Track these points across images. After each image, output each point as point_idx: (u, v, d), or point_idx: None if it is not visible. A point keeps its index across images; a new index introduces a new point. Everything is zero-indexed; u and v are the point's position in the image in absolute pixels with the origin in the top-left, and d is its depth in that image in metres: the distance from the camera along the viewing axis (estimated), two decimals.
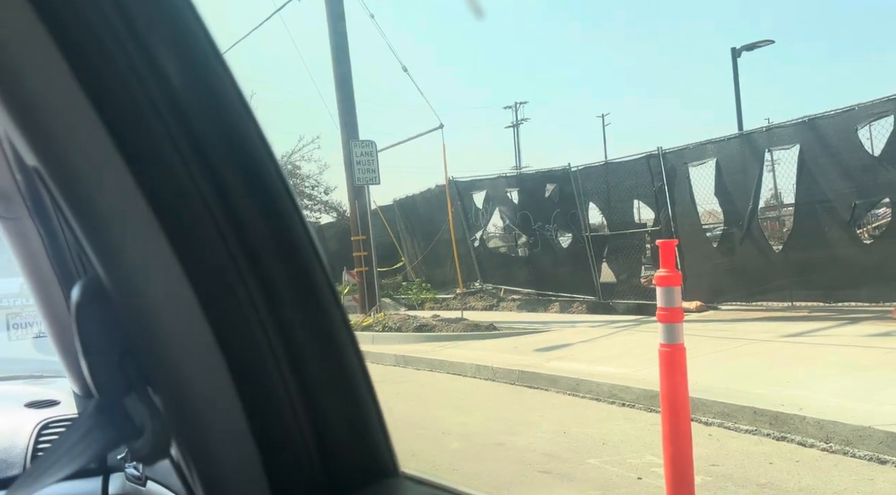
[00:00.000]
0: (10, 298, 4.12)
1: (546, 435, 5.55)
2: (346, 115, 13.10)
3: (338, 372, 0.64)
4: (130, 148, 0.55)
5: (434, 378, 8.56)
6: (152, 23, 0.55)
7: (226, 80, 0.59)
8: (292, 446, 0.62)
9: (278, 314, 0.60)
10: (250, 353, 0.59)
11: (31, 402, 1.54)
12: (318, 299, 0.63)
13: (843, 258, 9.24)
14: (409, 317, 12.14)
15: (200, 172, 0.56)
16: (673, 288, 3.57)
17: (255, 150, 0.60)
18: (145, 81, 0.54)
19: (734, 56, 18.96)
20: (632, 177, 11.82)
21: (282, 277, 0.60)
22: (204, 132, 0.57)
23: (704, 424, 5.43)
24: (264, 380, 0.61)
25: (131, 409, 0.60)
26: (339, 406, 0.64)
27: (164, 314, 0.57)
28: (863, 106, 8.78)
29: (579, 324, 11.00)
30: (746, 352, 7.55)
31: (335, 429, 0.64)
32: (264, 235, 0.60)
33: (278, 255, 0.60)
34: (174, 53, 0.57)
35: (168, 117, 0.56)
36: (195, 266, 0.57)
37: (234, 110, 0.59)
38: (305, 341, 0.62)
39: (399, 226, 18.54)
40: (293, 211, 0.61)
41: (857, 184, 9.01)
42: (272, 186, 0.60)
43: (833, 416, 4.87)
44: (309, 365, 0.62)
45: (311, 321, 0.63)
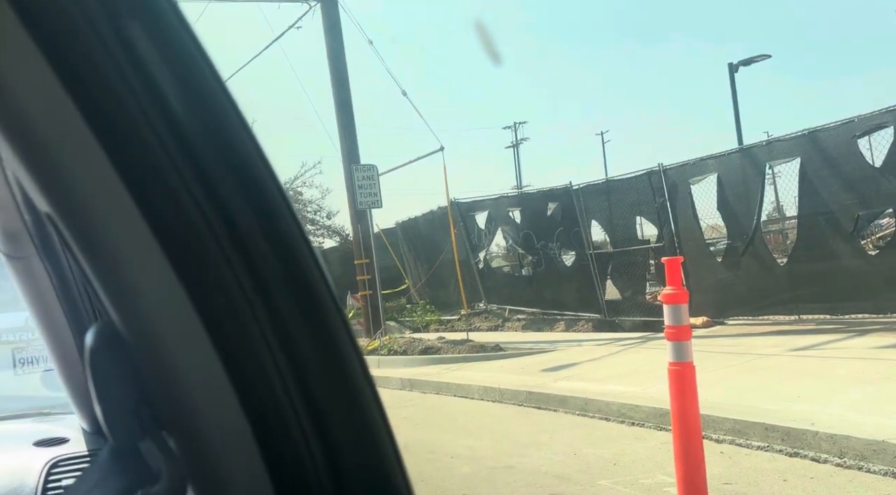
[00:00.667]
0: (16, 332, 4.12)
1: (556, 457, 5.50)
2: (347, 140, 13.18)
3: (352, 407, 0.63)
4: (142, 191, 0.55)
5: (441, 401, 8.51)
6: (160, 61, 0.56)
7: (233, 115, 0.59)
8: (308, 486, 0.62)
9: (290, 350, 0.60)
10: (265, 392, 0.59)
11: (40, 440, 1.53)
12: (330, 331, 0.62)
13: (848, 270, 9.21)
14: (414, 339, 12.10)
15: (213, 212, 0.56)
16: (680, 305, 3.56)
17: (265, 187, 0.59)
18: (154, 121, 0.55)
19: (731, 71, 19.09)
20: (633, 194, 11.85)
21: (293, 314, 0.60)
22: (214, 171, 0.57)
23: (716, 441, 5.37)
24: (280, 418, 0.60)
25: (147, 454, 0.60)
26: (354, 442, 0.63)
27: (179, 357, 0.57)
28: (862, 117, 8.81)
29: (585, 343, 10.95)
30: (755, 367, 7.50)
31: (350, 465, 0.64)
32: (277, 273, 0.59)
33: (290, 292, 0.60)
34: (183, 91, 0.57)
35: (178, 157, 0.56)
36: (208, 306, 0.57)
37: (244, 148, 0.59)
38: (318, 376, 0.61)
39: (402, 248, 18.56)
40: (305, 247, 0.61)
41: (860, 196, 9.01)
42: (284, 224, 0.60)
43: (846, 431, 4.82)
44: (323, 400, 0.61)
45: (324, 355, 0.62)
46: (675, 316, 3.58)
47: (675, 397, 3.59)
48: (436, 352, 11.02)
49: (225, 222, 0.57)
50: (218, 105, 0.57)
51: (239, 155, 0.59)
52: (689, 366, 3.56)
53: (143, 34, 0.54)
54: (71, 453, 1.47)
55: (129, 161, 0.55)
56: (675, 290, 3.58)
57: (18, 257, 1.15)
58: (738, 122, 19.06)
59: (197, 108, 0.59)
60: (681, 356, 3.56)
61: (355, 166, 12.82)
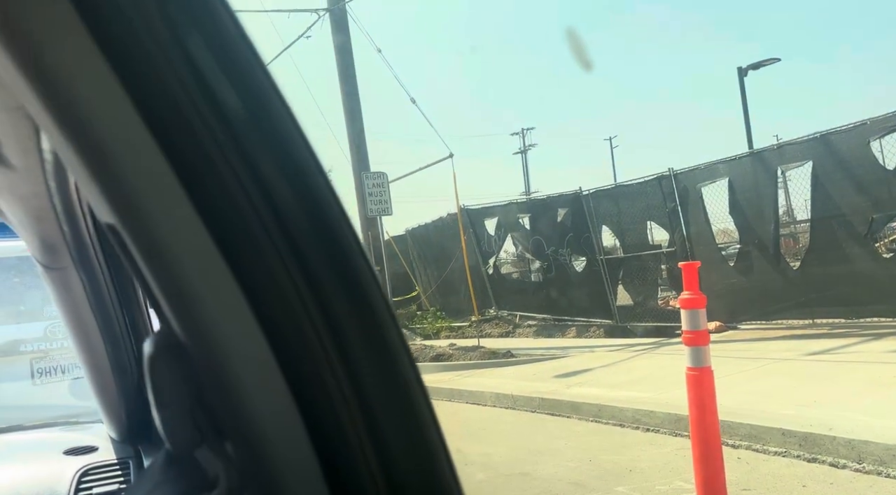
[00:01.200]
0: (35, 343, 4.14)
1: (571, 464, 5.47)
2: (356, 148, 13.23)
3: (407, 416, 0.64)
4: (203, 198, 0.56)
5: (453, 408, 8.49)
6: (220, 73, 0.56)
7: (291, 126, 0.60)
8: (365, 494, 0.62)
9: (347, 357, 0.60)
10: (323, 400, 0.59)
11: (70, 449, 1.54)
12: (385, 341, 0.63)
13: (862, 273, 9.15)
14: (425, 346, 12.09)
15: (271, 222, 0.57)
16: (698, 310, 3.54)
17: (322, 196, 0.60)
18: (215, 131, 0.55)
19: (741, 75, 19.03)
20: (644, 199, 11.82)
21: (351, 321, 0.60)
22: (273, 181, 0.58)
23: (732, 447, 5.34)
24: (337, 427, 0.60)
25: (203, 461, 0.60)
26: (409, 451, 0.63)
27: (239, 364, 0.57)
28: (875, 120, 8.77)
29: (598, 349, 10.90)
30: (770, 371, 7.45)
31: (405, 474, 0.64)
32: (333, 279, 0.60)
33: (347, 299, 0.60)
34: (244, 103, 0.58)
35: (238, 166, 0.56)
36: (268, 314, 0.57)
37: (301, 157, 0.60)
38: (374, 384, 0.62)
39: (412, 255, 18.57)
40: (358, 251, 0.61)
41: (873, 198, 8.95)
42: (340, 230, 0.60)
43: (864, 436, 4.78)
44: (378, 409, 0.62)
45: (380, 364, 0.63)
46: (692, 320, 3.56)
47: (693, 402, 3.57)
48: (447, 359, 11.00)
49: (284, 232, 0.58)
50: (277, 115, 0.58)
51: (295, 164, 0.60)
52: (707, 371, 3.54)
53: (203, 44, 0.55)
54: (101, 461, 1.48)
55: (191, 171, 0.55)
56: (692, 295, 3.57)
57: (56, 268, 1.16)
58: (747, 126, 18.99)
59: (256, 118, 0.59)
60: (699, 361, 3.54)
61: (365, 174, 12.85)
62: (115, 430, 1.60)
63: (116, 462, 1.47)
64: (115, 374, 1.42)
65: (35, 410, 3.47)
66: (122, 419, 1.52)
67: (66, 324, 1.32)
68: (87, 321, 1.27)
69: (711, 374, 3.57)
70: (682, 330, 3.63)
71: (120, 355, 1.33)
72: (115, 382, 1.44)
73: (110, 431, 1.64)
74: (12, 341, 4.21)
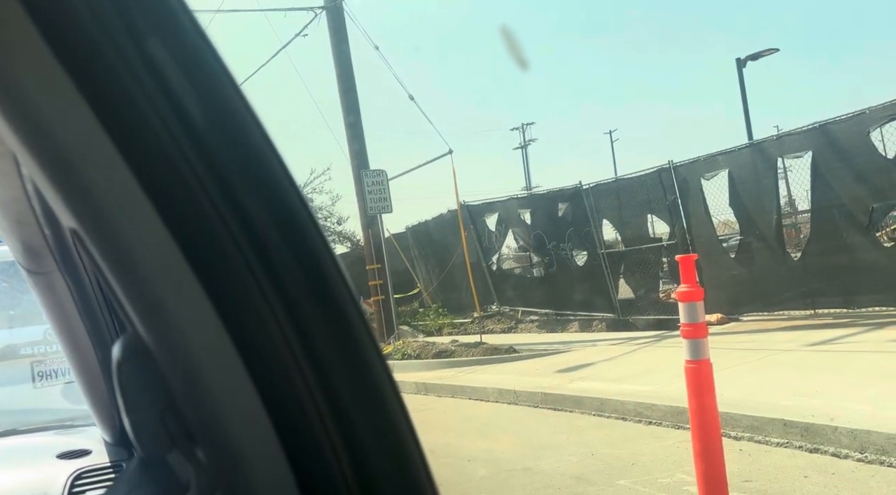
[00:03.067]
0: (35, 346, 4.15)
1: (573, 458, 5.48)
2: (355, 146, 13.22)
3: (378, 415, 0.64)
4: (166, 203, 0.55)
5: (456, 404, 8.50)
6: (181, 76, 0.56)
7: (254, 127, 0.60)
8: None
9: (316, 358, 0.60)
10: (292, 402, 0.59)
11: (63, 453, 1.54)
12: (355, 340, 0.63)
13: (863, 262, 9.13)
14: (427, 343, 12.10)
15: (237, 225, 0.56)
16: (695, 303, 3.54)
17: (286, 195, 0.60)
18: (176, 135, 0.55)
19: (739, 66, 18.99)
20: (644, 192, 11.80)
21: (318, 323, 0.60)
22: (237, 184, 0.58)
23: (734, 439, 5.34)
24: (306, 428, 0.60)
25: (175, 465, 0.60)
26: (381, 451, 0.63)
27: (206, 368, 0.57)
28: (874, 109, 8.74)
29: (600, 343, 10.91)
30: (772, 362, 7.44)
31: (378, 474, 0.64)
32: (299, 280, 0.60)
33: (315, 302, 0.60)
34: (205, 105, 0.57)
35: (201, 171, 0.56)
36: (234, 317, 0.57)
37: (267, 161, 0.60)
38: (345, 385, 0.62)
39: (413, 252, 18.58)
40: (325, 252, 0.61)
41: (873, 188, 8.93)
42: (306, 230, 0.60)
43: (866, 425, 4.77)
44: (350, 409, 0.62)
45: (350, 364, 0.62)
46: (690, 313, 3.56)
47: (692, 395, 3.57)
48: (449, 356, 11.01)
49: (249, 234, 0.57)
50: (239, 118, 0.58)
51: (262, 167, 0.59)
52: (705, 364, 3.54)
53: (161, 46, 0.55)
54: (94, 465, 1.48)
55: (153, 174, 0.55)
56: (689, 288, 3.57)
57: (40, 272, 1.16)
58: (747, 117, 18.96)
59: (219, 122, 0.59)
60: (697, 354, 3.54)
61: (364, 171, 12.84)
62: (108, 433, 1.60)
63: (110, 465, 1.47)
64: (105, 377, 1.42)
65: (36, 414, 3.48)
66: (114, 422, 1.52)
67: (54, 328, 1.32)
68: (75, 324, 1.27)
69: (710, 366, 3.57)
70: (681, 322, 3.63)
71: (109, 357, 1.33)
72: (106, 385, 1.44)
73: (104, 434, 1.64)
74: (12, 345, 4.22)
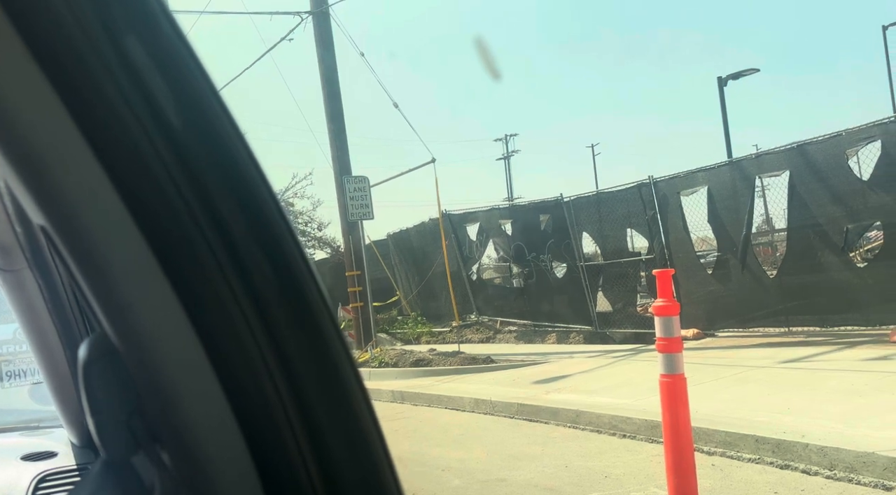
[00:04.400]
0: (4, 345, 4.08)
1: (547, 470, 5.48)
2: (338, 151, 13.19)
3: (348, 421, 0.63)
4: (138, 203, 0.55)
5: (432, 413, 8.47)
6: (156, 73, 0.56)
7: (229, 127, 0.60)
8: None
9: (287, 364, 0.60)
10: (261, 406, 0.59)
11: (28, 455, 1.51)
12: (326, 346, 0.62)
13: (837, 282, 9.28)
14: (405, 351, 12.06)
15: (208, 224, 0.56)
16: (671, 317, 3.57)
17: (261, 198, 0.60)
18: (150, 133, 0.55)
19: (720, 85, 19.25)
20: (624, 206, 11.90)
21: (290, 328, 0.60)
22: (211, 184, 0.57)
23: (707, 454, 5.37)
24: (275, 433, 0.60)
25: (139, 468, 0.59)
26: (350, 457, 0.63)
27: (174, 371, 0.57)
28: (850, 131, 8.90)
29: (577, 355, 10.94)
30: (746, 379, 7.51)
31: (346, 480, 0.63)
32: (272, 285, 0.59)
33: (287, 307, 0.60)
34: (180, 103, 0.57)
35: (175, 171, 0.56)
36: (204, 321, 0.57)
37: (241, 161, 0.59)
38: (315, 391, 0.61)
39: (393, 260, 18.54)
40: (299, 258, 0.61)
41: (848, 208, 9.08)
42: (281, 239, 0.60)
43: (835, 443, 4.83)
44: (319, 415, 0.61)
45: (320, 370, 0.62)
46: (666, 328, 3.58)
47: (666, 409, 3.59)
48: (427, 364, 10.99)
49: (222, 237, 0.57)
50: (214, 117, 0.58)
51: (236, 168, 0.59)
52: (680, 378, 3.57)
53: (139, 45, 0.54)
54: (59, 467, 1.45)
55: (126, 173, 0.55)
56: (666, 302, 3.59)
57: (10, 270, 1.14)
58: (727, 135, 19.21)
59: (193, 120, 0.59)
60: (672, 368, 3.57)
61: (347, 177, 12.81)
62: (75, 435, 1.57)
63: (76, 468, 1.45)
64: (74, 378, 1.39)
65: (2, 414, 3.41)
66: (82, 424, 1.50)
67: (23, 327, 1.30)
68: (45, 323, 1.25)
69: (684, 381, 3.59)
70: (656, 336, 3.65)
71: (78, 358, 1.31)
72: (75, 386, 1.42)
73: (71, 436, 1.61)
74: None
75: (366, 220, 13.17)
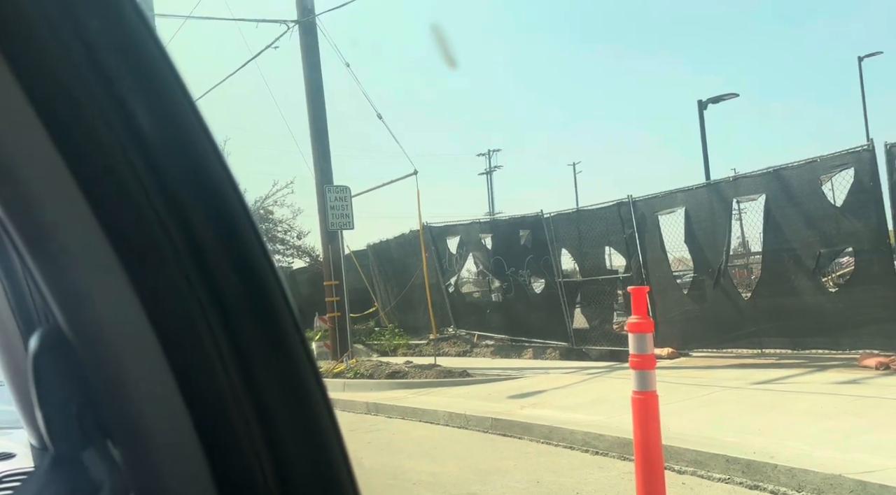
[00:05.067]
0: None
1: (519, 485, 5.46)
2: (320, 161, 13.16)
3: (307, 425, 0.63)
4: (98, 194, 0.54)
5: (406, 426, 8.42)
6: (123, 68, 0.55)
7: (197, 126, 0.59)
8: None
9: (245, 365, 0.59)
10: (216, 406, 0.58)
11: None
12: (287, 349, 0.62)
13: (809, 306, 9.40)
14: (381, 363, 12.00)
15: (171, 220, 0.55)
16: (645, 334, 3.59)
17: (228, 200, 0.59)
18: (115, 127, 0.54)
19: (700, 108, 19.53)
20: (603, 224, 11.99)
21: (250, 329, 0.59)
22: (176, 181, 0.57)
23: (678, 472, 5.39)
24: (230, 432, 0.59)
25: (89, 464, 0.58)
26: (307, 462, 0.62)
27: (128, 365, 0.56)
28: (825, 158, 9.07)
29: (553, 371, 10.96)
30: (718, 399, 7.57)
31: (302, 485, 0.63)
32: (235, 287, 0.59)
33: (247, 307, 0.59)
34: (146, 100, 0.57)
35: (139, 165, 0.55)
36: (162, 316, 0.56)
37: (208, 158, 0.59)
38: (273, 393, 0.61)
39: (373, 271, 18.48)
40: (265, 262, 0.61)
41: (821, 234, 9.23)
42: (246, 239, 0.60)
43: (804, 464, 4.88)
44: (277, 417, 0.61)
45: (280, 373, 0.62)
46: (639, 345, 3.60)
47: (638, 426, 3.60)
48: (403, 377, 10.93)
49: (185, 234, 0.56)
50: (182, 114, 0.57)
51: (202, 167, 0.59)
52: (652, 396, 3.58)
53: (105, 38, 0.54)
54: (16, 468, 1.42)
55: (87, 166, 0.54)
56: (640, 319, 3.62)
57: None
58: (706, 158, 19.48)
59: (161, 115, 0.58)
60: (644, 385, 3.58)
61: (328, 187, 12.78)
62: (34, 436, 1.54)
63: (33, 469, 1.41)
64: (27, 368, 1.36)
65: None
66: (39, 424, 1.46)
67: None
68: (4, 317, 1.22)
69: (656, 398, 3.61)
70: (630, 353, 3.67)
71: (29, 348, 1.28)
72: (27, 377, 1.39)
73: (30, 437, 1.58)
74: None
75: (346, 230, 13.13)
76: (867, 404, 6.65)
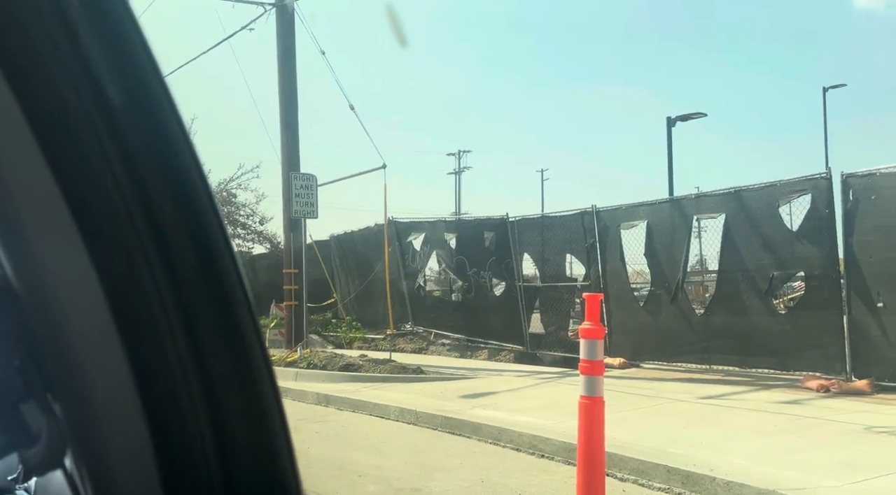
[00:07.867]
0: None
1: (463, 483, 5.50)
2: (288, 147, 13.04)
3: (252, 405, 0.64)
4: (57, 154, 0.55)
5: (356, 419, 8.41)
6: (92, 29, 0.56)
7: (166, 102, 0.60)
8: (194, 465, 0.61)
9: (195, 341, 0.60)
10: (160, 368, 0.59)
11: None
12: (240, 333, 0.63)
13: (759, 326, 9.65)
14: (335, 355, 11.94)
15: (129, 187, 0.56)
16: (596, 340, 3.65)
17: (191, 177, 0.60)
18: (78, 88, 0.55)
19: (669, 125, 19.88)
20: (566, 232, 12.12)
21: (203, 307, 0.60)
22: (137, 150, 0.58)
23: (619, 480, 5.49)
24: (171, 397, 0.60)
25: (28, 415, 0.59)
26: (250, 438, 0.63)
27: (74, 322, 0.56)
28: (784, 182, 9.32)
29: (506, 373, 11.04)
30: (664, 411, 7.72)
31: (241, 451, 0.64)
32: (190, 263, 0.60)
33: (202, 285, 0.60)
34: (112, 64, 0.57)
35: (101, 128, 0.56)
36: (113, 279, 0.57)
37: (172, 133, 0.60)
38: (222, 370, 0.62)
39: (334, 262, 18.37)
40: (224, 244, 0.62)
41: (776, 256, 9.48)
42: (204, 214, 0.60)
43: (741, 478, 5.01)
44: (223, 393, 0.62)
45: (230, 353, 0.63)
46: (590, 350, 3.67)
47: (582, 430, 3.67)
48: (356, 370, 10.90)
49: (144, 207, 0.57)
50: (148, 82, 0.58)
51: (166, 141, 0.59)
52: (599, 401, 3.65)
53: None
54: None
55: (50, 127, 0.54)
56: (592, 326, 3.68)
57: None
58: (670, 174, 19.84)
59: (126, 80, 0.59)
60: (592, 390, 3.65)
61: (294, 174, 12.67)
62: None
63: None
64: None
65: None
66: None
67: None
68: None
69: (603, 404, 3.68)
70: (580, 358, 3.73)
71: None
72: None
73: None
74: None
75: (310, 219, 13.04)
76: (806, 424, 6.86)
